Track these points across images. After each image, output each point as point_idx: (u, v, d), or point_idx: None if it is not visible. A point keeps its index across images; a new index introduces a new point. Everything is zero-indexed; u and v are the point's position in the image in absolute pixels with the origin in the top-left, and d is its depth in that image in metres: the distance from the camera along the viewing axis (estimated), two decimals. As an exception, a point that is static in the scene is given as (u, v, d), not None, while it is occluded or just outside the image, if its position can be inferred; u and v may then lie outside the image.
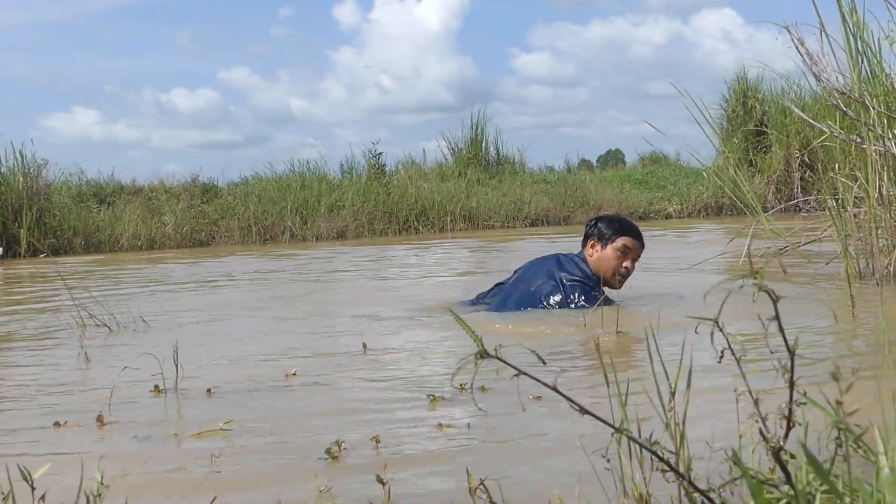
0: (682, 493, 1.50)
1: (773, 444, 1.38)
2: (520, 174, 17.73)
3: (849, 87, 5.07)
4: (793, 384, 1.42)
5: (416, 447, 2.22)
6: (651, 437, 1.48)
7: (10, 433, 2.56)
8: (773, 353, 1.46)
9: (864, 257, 5.15)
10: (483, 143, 18.13)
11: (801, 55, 5.17)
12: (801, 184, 15.23)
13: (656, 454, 1.44)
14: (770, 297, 1.39)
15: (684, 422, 1.57)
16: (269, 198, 14.51)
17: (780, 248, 6.09)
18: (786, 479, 1.38)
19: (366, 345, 3.70)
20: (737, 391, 1.63)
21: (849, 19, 4.98)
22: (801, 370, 1.49)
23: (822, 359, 2.98)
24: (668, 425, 1.59)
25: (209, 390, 2.93)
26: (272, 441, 2.33)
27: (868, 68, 5.02)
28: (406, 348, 3.76)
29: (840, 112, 5.21)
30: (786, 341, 1.41)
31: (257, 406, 2.76)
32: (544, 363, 1.38)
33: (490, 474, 1.73)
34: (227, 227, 14.07)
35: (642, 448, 1.46)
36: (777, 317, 1.40)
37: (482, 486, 1.65)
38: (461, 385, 2.76)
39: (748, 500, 1.56)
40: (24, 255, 11.95)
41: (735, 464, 1.36)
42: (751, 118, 16.30)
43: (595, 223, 4.57)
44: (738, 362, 1.54)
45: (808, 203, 6.71)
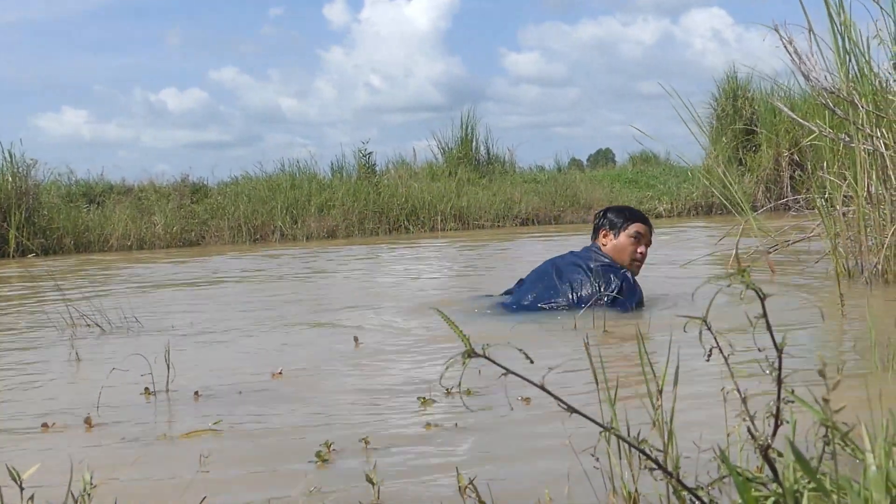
0: (670, 491, 1.50)
1: (760, 443, 1.38)
2: (510, 174, 17.74)
3: (837, 87, 5.09)
4: (780, 382, 1.43)
5: (405, 447, 2.22)
6: (639, 435, 1.49)
7: (-1, 434, 2.55)
8: (760, 350, 1.47)
9: (853, 256, 5.17)
10: (473, 143, 18.12)
11: (790, 55, 5.18)
12: (790, 183, 15.27)
13: (644, 452, 1.44)
14: (758, 295, 1.40)
15: (672, 420, 1.57)
16: (259, 197, 14.48)
17: (770, 247, 6.10)
18: (773, 477, 1.38)
19: (357, 338, 3.70)
20: (724, 390, 1.63)
21: (836, 19, 5.00)
22: (789, 368, 1.49)
23: (810, 357, 2.99)
24: (655, 423, 1.59)
25: (197, 392, 2.92)
26: (261, 442, 2.33)
27: (856, 67, 5.03)
28: (395, 347, 3.76)
29: (829, 111, 5.22)
30: (773, 339, 1.42)
31: (246, 407, 2.75)
32: (532, 362, 1.39)
33: (479, 474, 1.73)
34: (216, 226, 14.04)
35: (631, 447, 1.47)
36: (765, 315, 1.41)
37: (471, 485, 1.65)
38: (448, 389, 2.75)
39: (736, 498, 1.56)
40: (13, 256, 11.91)
41: (723, 462, 1.36)
42: (740, 117, 16.34)
43: (604, 214, 4.65)
44: (726, 361, 1.55)
45: (798, 202, 6.72)
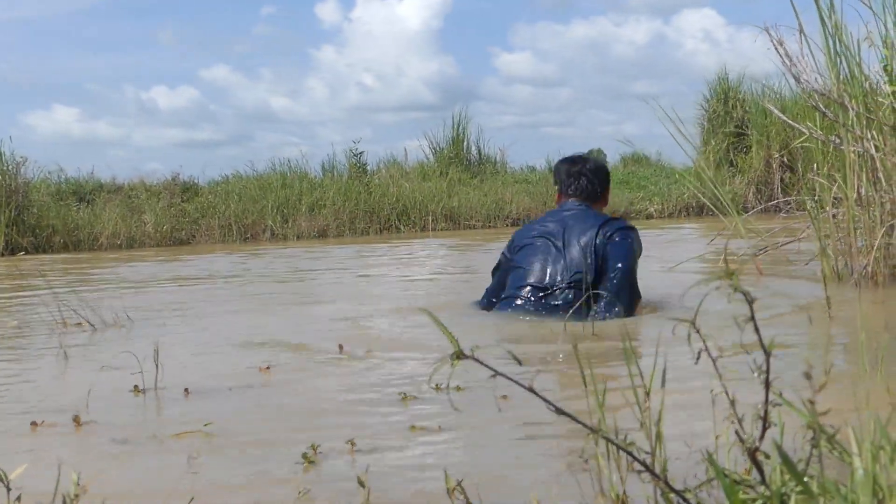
0: (658, 493, 1.50)
1: (748, 445, 1.39)
2: (501, 174, 17.76)
3: (828, 89, 5.10)
4: (768, 384, 1.43)
5: (392, 448, 2.21)
6: (626, 437, 1.49)
7: (-14, 433, 2.54)
8: (749, 353, 1.47)
9: (843, 258, 5.18)
10: (465, 143, 18.13)
11: (781, 56, 5.20)
12: (780, 184, 15.32)
13: (632, 454, 1.44)
14: (746, 298, 1.40)
15: (659, 422, 1.58)
16: (249, 196, 14.46)
17: (760, 249, 6.12)
18: (761, 479, 1.38)
19: (342, 346, 3.70)
20: (713, 392, 1.63)
21: (827, 21, 5.01)
22: (777, 371, 1.49)
23: (798, 359, 2.99)
24: (643, 425, 1.59)
25: (186, 390, 2.92)
26: (250, 442, 2.33)
27: (847, 69, 5.05)
28: (383, 348, 3.76)
29: (819, 113, 5.24)
30: (761, 342, 1.42)
31: (235, 406, 2.75)
32: (520, 363, 1.39)
33: (466, 475, 1.73)
34: (207, 225, 14.01)
35: (619, 448, 1.47)
36: (752, 317, 1.41)
37: (459, 486, 1.65)
38: (436, 385, 2.76)
39: (724, 500, 1.56)
40: (3, 254, 11.87)
41: (711, 464, 1.37)
42: (731, 119, 16.38)
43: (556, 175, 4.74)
44: (714, 363, 1.55)
45: (788, 203, 6.74)
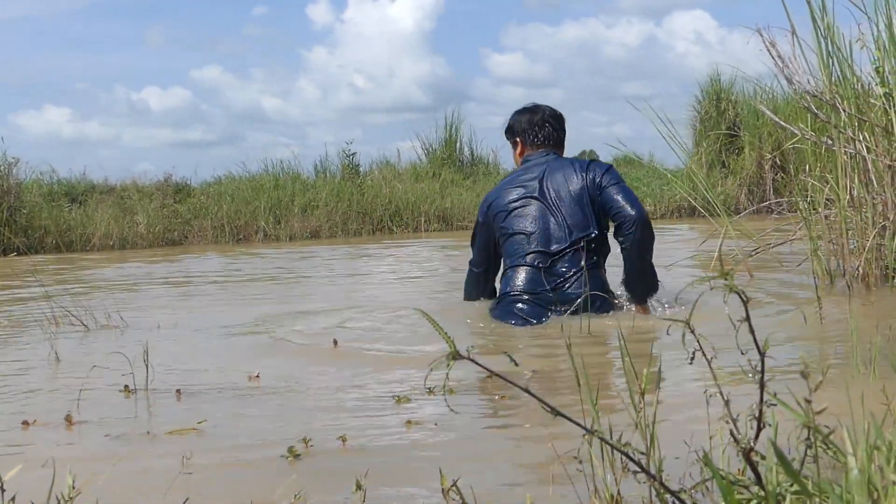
0: (653, 494, 1.50)
1: (743, 445, 1.39)
2: (493, 174, 17.74)
3: (820, 90, 5.11)
4: (763, 385, 1.43)
5: (387, 447, 2.21)
6: (620, 438, 1.49)
7: (-22, 434, 2.53)
8: (743, 353, 1.47)
9: (835, 258, 5.19)
10: (457, 144, 18.12)
11: (773, 58, 5.21)
12: (773, 185, 15.34)
13: (627, 455, 1.44)
14: (741, 298, 1.40)
15: (654, 422, 1.58)
16: (242, 197, 14.44)
17: (752, 250, 6.13)
18: (756, 479, 1.38)
19: (336, 341, 3.69)
20: (707, 392, 1.63)
21: (820, 23, 5.02)
22: (772, 371, 1.50)
23: (792, 360, 3.00)
24: (637, 425, 1.59)
25: (178, 391, 2.91)
26: (243, 441, 2.32)
27: (839, 71, 5.06)
28: (376, 348, 3.75)
29: (811, 114, 5.25)
30: (756, 343, 1.42)
31: (228, 406, 2.74)
32: (516, 364, 1.39)
33: (461, 475, 1.73)
34: (199, 226, 13.98)
35: (613, 449, 1.47)
36: (747, 318, 1.41)
37: (455, 487, 1.65)
38: (430, 389, 2.75)
39: (719, 500, 1.56)
40: (-6, 254, 11.84)
41: (706, 465, 1.37)
42: (724, 120, 16.40)
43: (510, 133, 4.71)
44: (709, 364, 1.55)
45: (780, 204, 6.75)
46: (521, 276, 4.28)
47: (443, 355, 1.33)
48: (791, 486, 1.38)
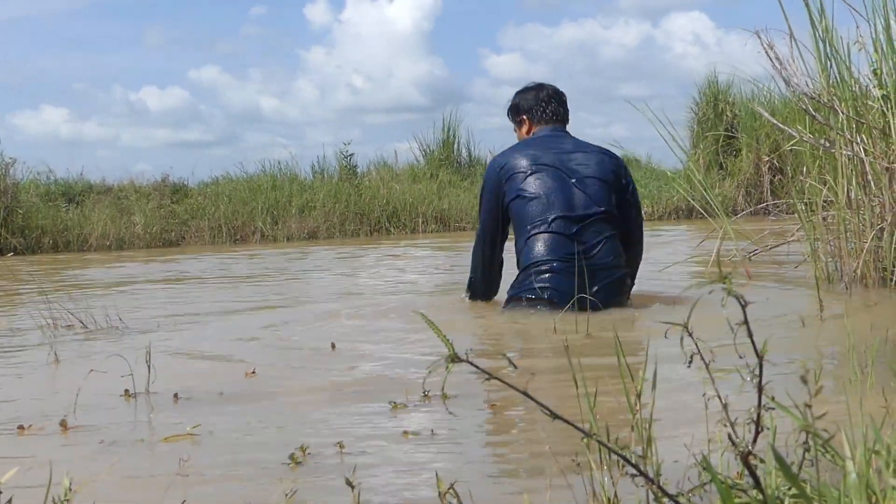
0: (650, 497, 1.50)
1: (741, 449, 1.39)
2: (492, 176, 17.79)
3: (818, 92, 5.12)
4: (761, 388, 1.43)
5: (384, 451, 2.21)
6: (618, 441, 1.49)
7: (-26, 437, 2.52)
8: (741, 357, 1.47)
9: (833, 260, 5.20)
10: (455, 145, 18.14)
11: (771, 60, 5.21)
12: (770, 187, 15.36)
13: (624, 458, 1.44)
14: (739, 302, 1.40)
15: (651, 425, 1.58)
16: (239, 198, 14.44)
17: (750, 252, 6.13)
18: (754, 483, 1.38)
19: (334, 344, 3.69)
20: (706, 395, 1.63)
21: (818, 24, 5.03)
22: (770, 374, 1.50)
23: (791, 363, 3.00)
24: (634, 428, 1.59)
25: (176, 395, 2.90)
26: (239, 447, 2.32)
27: (837, 73, 5.06)
28: (376, 351, 3.75)
29: (809, 116, 5.25)
30: (754, 346, 1.42)
31: (226, 410, 2.74)
32: (515, 367, 1.38)
33: (458, 479, 1.73)
34: (197, 227, 13.99)
35: (611, 452, 1.47)
36: (746, 322, 1.41)
37: (452, 490, 1.64)
38: (425, 393, 2.74)
39: (717, 504, 1.56)
40: (-9, 255, 11.83)
41: (705, 468, 1.37)
42: (721, 121, 16.41)
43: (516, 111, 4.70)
44: (707, 367, 1.55)
45: (778, 206, 6.76)
46: (546, 243, 4.19)
47: (441, 358, 1.33)
48: (789, 489, 1.38)
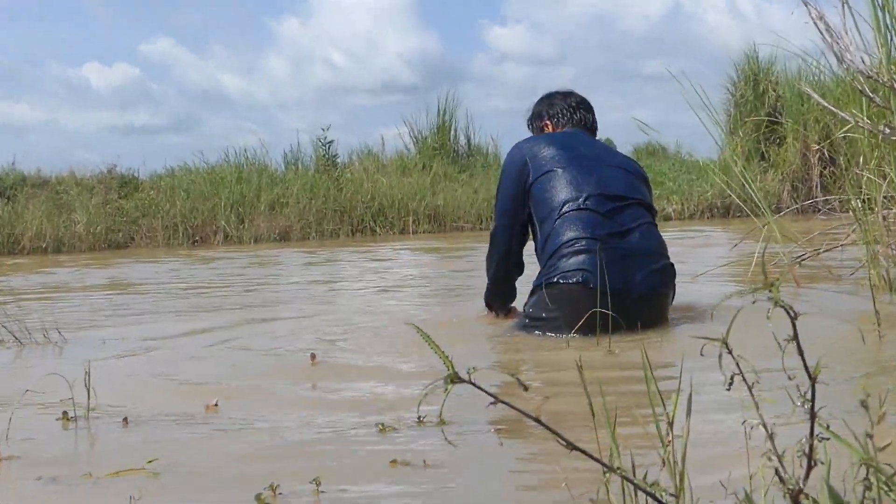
0: (684, 542, 1.50)
1: (791, 486, 1.38)
2: (494, 167, 17.76)
3: (876, 70, 5.12)
4: (814, 415, 1.43)
5: (368, 487, 2.20)
6: (646, 476, 1.48)
7: None
8: (791, 378, 1.47)
9: (895, 266, 5.19)
10: (451, 131, 18.16)
11: (821, 32, 5.21)
12: (820, 181, 15.37)
13: (654, 496, 1.44)
14: (788, 314, 1.40)
15: (684, 458, 1.57)
16: (199, 192, 14.45)
17: (798, 256, 6.13)
18: (806, 526, 1.38)
19: (314, 356, 3.69)
20: (747, 424, 1.63)
21: (876, -10, 5.03)
22: (824, 399, 1.49)
23: (848, 385, 3.00)
24: (665, 462, 1.59)
25: (126, 419, 2.89)
26: (199, 482, 2.31)
27: (899, 47, 5.06)
28: (360, 369, 3.74)
29: (866, 98, 5.25)
30: (805, 365, 1.42)
31: (182, 438, 2.73)
32: (525, 389, 1.38)
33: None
34: (149, 226, 13.99)
35: (637, 489, 1.46)
36: (795, 337, 1.41)
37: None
38: (421, 418, 2.73)
39: (761, 550, 1.56)
40: None
41: (747, 508, 1.36)
42: (763, 104, 16.42)
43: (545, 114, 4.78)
44: (749, 390, 1.55)
45: (829, 203, 6.76)
46: (580, 221, 4.20)
47: (439, 378, 1.33)
48: (847, 534, 1.38)
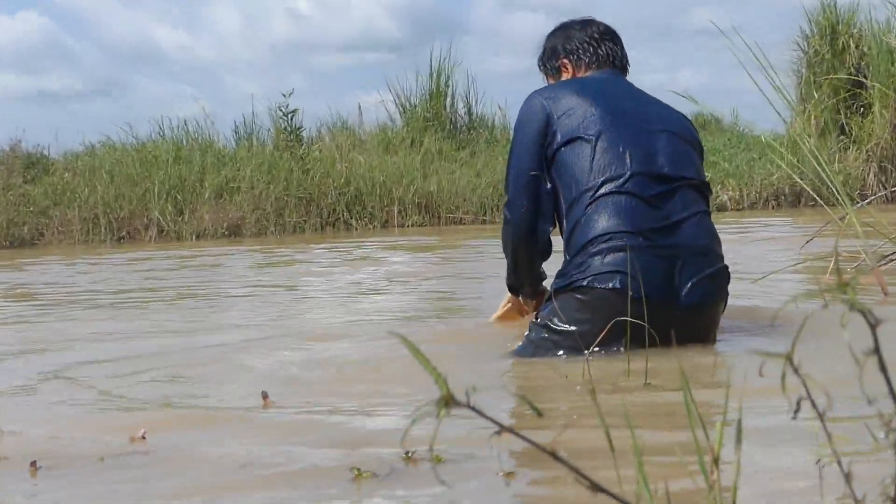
0: None
1: (872, 536, 1.40)
2: (502, 143, 17.74)
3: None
4: (900, 449, 1.45)
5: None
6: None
7: None
8: (871, 402, 1.49)
9: None
10: (448, 98, 18.13)
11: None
12: (915, 161, 15.38)
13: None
14: (867, 321, 1.41)
15: (735, 501, 1.59)
16: (126, 175, 14.44)
17: (887, 255, 6.16)
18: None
19: (266, 395, 3.70)
20: (820, 461, 1.65)
21: None
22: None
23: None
24: (713, 505, 1.61)
25: (34, 464, 2.91)
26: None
27: None
28: (326, 393, 3.76)
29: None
30: (890, 387, 1.44)
31: (104, 487, 2.74)
32: (540, 414, 1.40)
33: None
34: (62, 218, 13.99)
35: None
36: (877, 350, 1.42)
37: None
38: (409, 454, 2.74)
39: None
40: None
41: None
42: (842, 64, 16.41)
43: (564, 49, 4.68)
44: (821, 418, 1.56)
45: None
46: (620, 209, 4.14)
47: (430, 402, 1.34)
48: None
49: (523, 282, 4.67)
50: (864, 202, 6.36)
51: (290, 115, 16.42)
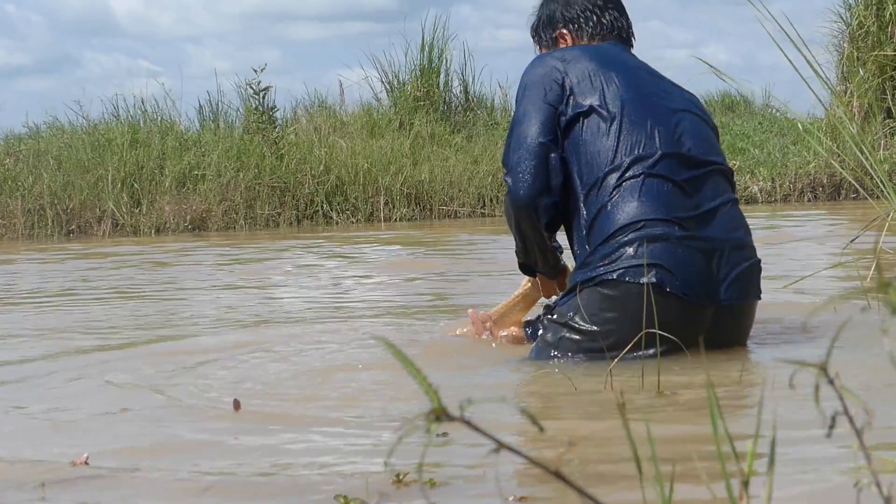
0: None
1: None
2: (502, 125, 17.72)
3: None
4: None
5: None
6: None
7: None
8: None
9: None
10: (441, 75, 18.11)
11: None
12: (971, 148, 15.41)
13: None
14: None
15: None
16: (76, 162, 14.44)
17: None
18: None
19: (238, 403, 3.71)
20: (858, 483, 1.67)
21: None
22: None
23: None
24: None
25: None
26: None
27: None
28: (305, 408, 3.77)
29: None
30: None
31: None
32: (542, 429, 1.41)
33: None
34: (3, 209, 13.98)
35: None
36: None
37: None
38: (399, 476, 2.75)
39: None
40: None
41: None
42: (889, 38, 16.41)
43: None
44: (858, 435, 1.58)
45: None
46: (650, 194, 4.15)
47: (419, 415, 1.35)
48: None
49: (536, 258, 4.54)
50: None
51: (261, 94, 16.37)
